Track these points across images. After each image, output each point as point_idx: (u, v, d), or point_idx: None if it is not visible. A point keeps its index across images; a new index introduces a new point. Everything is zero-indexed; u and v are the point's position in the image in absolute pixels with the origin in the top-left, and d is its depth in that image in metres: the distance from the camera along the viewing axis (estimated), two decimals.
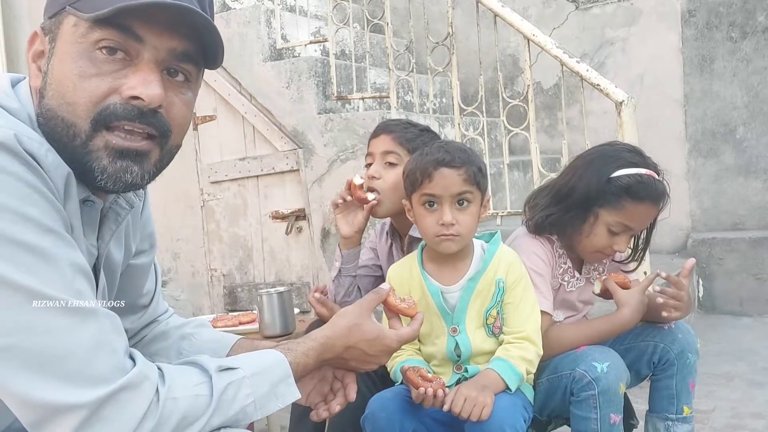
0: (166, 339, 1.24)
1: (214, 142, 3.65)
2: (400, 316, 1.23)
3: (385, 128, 1.81)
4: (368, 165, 1.82)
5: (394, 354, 1.32)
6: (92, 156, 0.87)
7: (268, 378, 0.94)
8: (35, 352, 0.75)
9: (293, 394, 0.97)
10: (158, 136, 0.91)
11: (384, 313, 1.33)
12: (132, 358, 0.84)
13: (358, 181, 1.74)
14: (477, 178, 1.48)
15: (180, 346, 1.22)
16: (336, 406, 1.12)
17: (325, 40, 3.45)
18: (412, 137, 1.77)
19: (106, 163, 0.87)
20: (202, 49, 0.92)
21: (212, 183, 3.69)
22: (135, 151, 0.89)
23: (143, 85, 0.86)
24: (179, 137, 0.95)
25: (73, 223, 0.87)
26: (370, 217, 1.80)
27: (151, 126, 0.89)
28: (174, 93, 0.91)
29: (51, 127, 0.87)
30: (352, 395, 1.13)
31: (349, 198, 1.76)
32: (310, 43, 3.56)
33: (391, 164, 1.75)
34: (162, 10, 0.86)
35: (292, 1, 3.93)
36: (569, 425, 1.58)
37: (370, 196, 1.74)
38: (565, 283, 1.68)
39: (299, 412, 1.75)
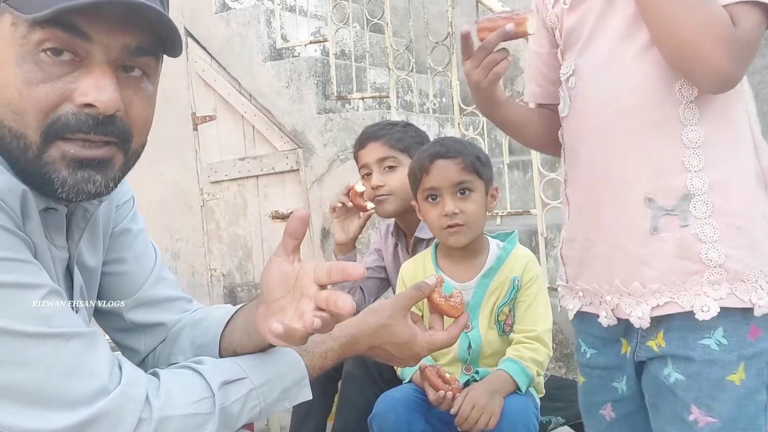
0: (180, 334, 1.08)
1: (214, 142, 3.65)
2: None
3: (370, 136, 1.81)
4: (365, 176, 1.82)
5: None
6: (49, 168, 0.79)
7: (280, 384, 0.91)
8: (7, 384, 0.73)
9: (305, 395, 0.94)
10: (118, 142, 0.83)
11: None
12: (120, 368, 0.80)
13: (359, 188, 1.74)
14: (475, 166, 1.47)
15: (193, 335, 1.05)
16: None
17: (325, 40, 3.45)
18: (400, 136, 1.78)
19: (65, 174, 0.80)
20: (159, 37, 0.83)
21: (212, 183, 3.69)
22: (96, 160, 0.81)
23: (96, 90, 0.78)
24: (143, 136, 0.88)
25: (35, 241, 0.81)
26: (367, 222, 1.82)
27: (109, 135, 0.81)
28: (132, 90, 0.83)
29: None
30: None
31: (349, 204, 1.77)
32: (310, 43, 3.55)
33: (391, 167, 1.76)
34: (111, 6, 0.77)
35: (292, 1, 3.92)
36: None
37: (369, 205, 1.75)
38: None
39: (301, 413, 1.76)
